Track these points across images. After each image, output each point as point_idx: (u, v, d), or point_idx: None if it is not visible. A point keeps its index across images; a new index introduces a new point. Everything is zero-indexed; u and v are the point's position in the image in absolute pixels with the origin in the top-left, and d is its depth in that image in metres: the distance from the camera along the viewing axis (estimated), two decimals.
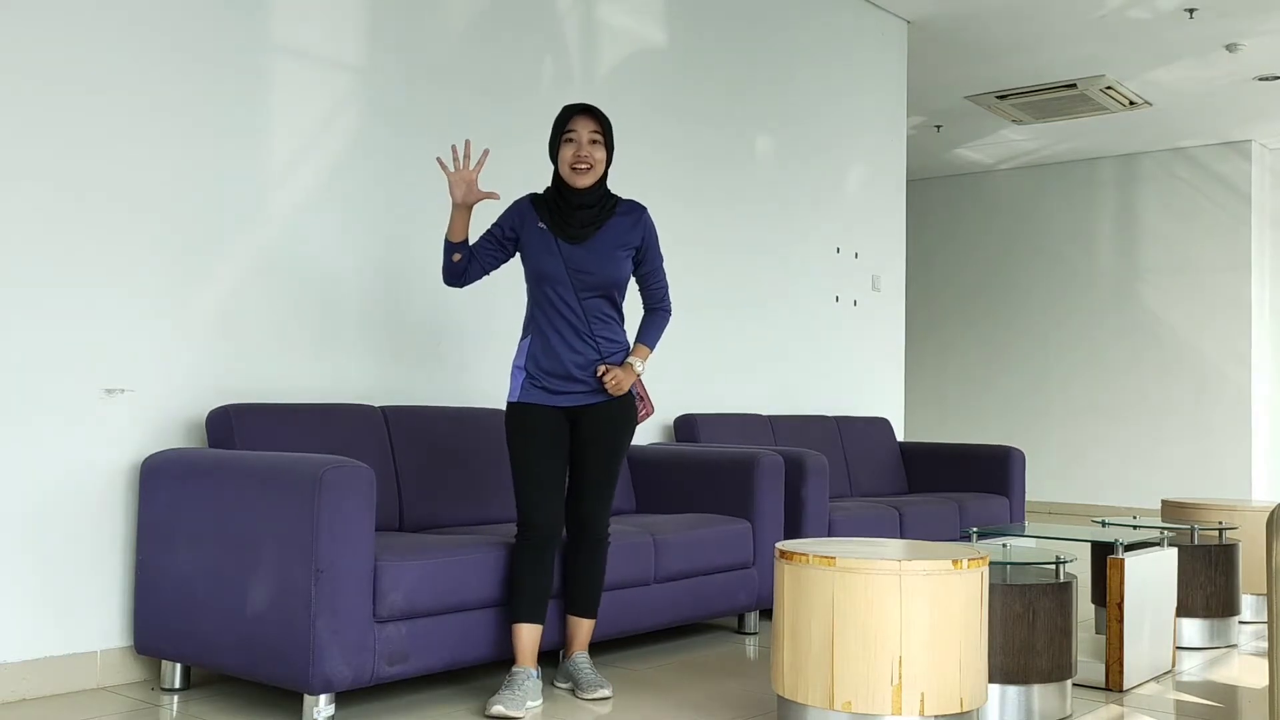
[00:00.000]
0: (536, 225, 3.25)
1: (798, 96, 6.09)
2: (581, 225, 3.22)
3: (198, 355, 3.60)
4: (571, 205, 3.23)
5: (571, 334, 3.24)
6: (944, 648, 2.68)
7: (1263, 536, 4.73)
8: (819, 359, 6.21)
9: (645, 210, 3.36)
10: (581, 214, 3.23)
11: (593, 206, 3.25)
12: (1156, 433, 9.84)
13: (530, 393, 3.27)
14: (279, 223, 3.81)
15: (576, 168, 3.20)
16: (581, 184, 3.21)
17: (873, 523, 4.85)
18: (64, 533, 3.29)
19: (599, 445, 3.29)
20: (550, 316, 3.24)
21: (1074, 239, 10.38)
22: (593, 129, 3.22)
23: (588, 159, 3.19)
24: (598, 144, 3.22)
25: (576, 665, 3.33)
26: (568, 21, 4.82)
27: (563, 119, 3.24)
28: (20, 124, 3.22)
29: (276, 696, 3.27)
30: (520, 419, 3.26)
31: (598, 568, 3.35)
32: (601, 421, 3.29)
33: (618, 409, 3.32)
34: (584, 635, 3.37)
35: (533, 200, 3.32)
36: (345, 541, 2.90)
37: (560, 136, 3.23)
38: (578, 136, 3.21)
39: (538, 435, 3.24)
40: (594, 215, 3.24)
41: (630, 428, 3.35)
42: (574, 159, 3.20)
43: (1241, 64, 7.58)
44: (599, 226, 3.24)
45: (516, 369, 3.30)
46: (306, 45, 3.90)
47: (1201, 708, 3.38)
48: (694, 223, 5.43)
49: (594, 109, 3.24)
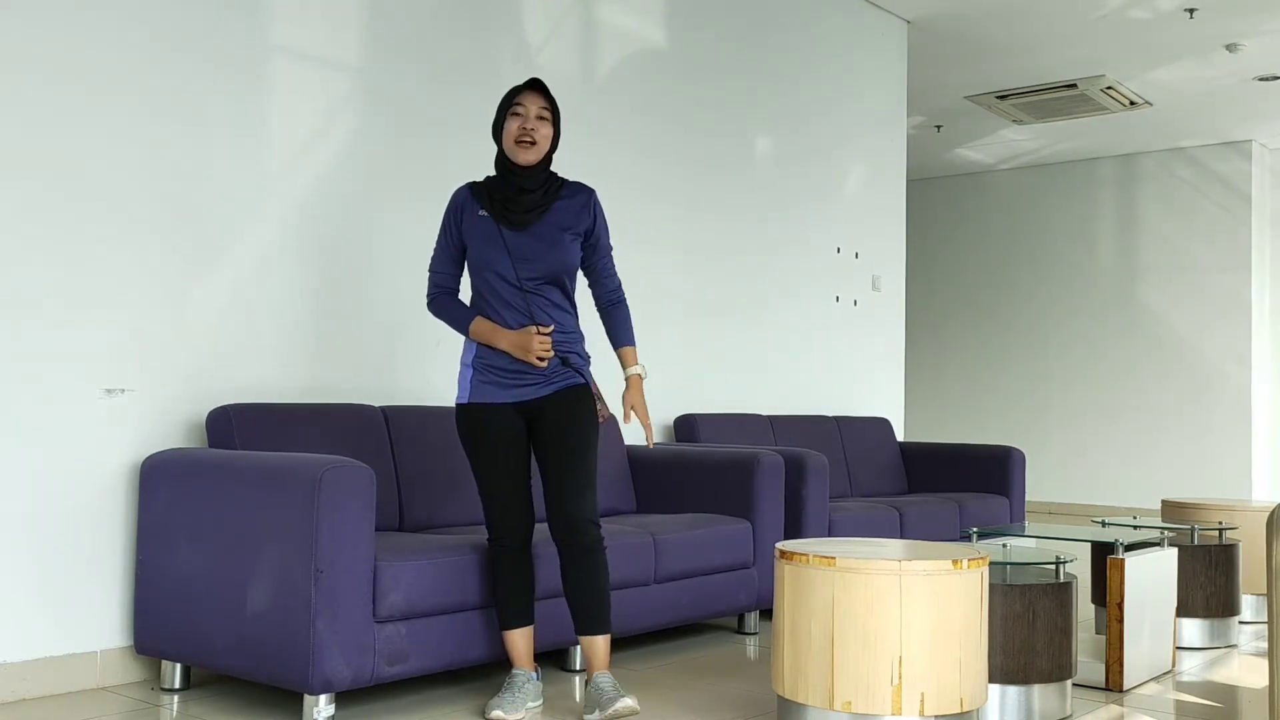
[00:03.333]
0: (478, 213, 3.07)
1: (798, 96, 6.08)
2: (525, 210, 3.03)
3: (198, 355, 3.60)
4: (514, 188, 3.04)
5: (525, 318, 3.04)
6: (944, 648, 2.68)
7: (1263, 536, 4.73)
8: (819, 359, 6.21)
9: (593, 192, 3.16)
10: (525, 198, 3.03)
11: (536, 190, 3.05)
12: (1156, 433, 9.84)
13: (481, 390, 3.08)
14: (279, 222, 3.81)
15: (521, 141, 3.01)
16: (525, 159, 3.02)
17: (873, 523, 4.85)
18: (64, 533, 3.29)
19: (564, 441, 3.06)
20: (497, 307, 3.05)
21: (1074, 239, 10.38)
22: (541, 105, 3.04)
23: (533, 133, 3.01)
24: (545, 120, 3.04)
25: (598, 686, 3.00)
26: (568, 22, 4.82)
27: (510, 95, 3.07)
28: (20, 124, 3.22)
29: (276, 696, 3.27)
30: (472, 423, 3.09)
31: (598, 578, 3.05)
32: (560, 416, 3.08)
33: (574, 399, 3.10)
34: (601, 653, 3.05)
35: (471, 189, 3.13)
36: (345, 541, 2.90)
37: (506, 112, 3.05)
38: (525, 111, 3.03)
39: (494, 440, 3.07)
40: (538, 199, 3.05)
41: (592, 417, 3.12)
42: (519, 132, 3.01)
43: (1241, 64, 7.58)
44: (544, 211, 3.06)
45: (464, 367, 3.12)
46: (307, 45, 3.90)
47: (1201, 708, 3.38)
48: (694, 223, 5.43)
49: (543, 85, 3.06)
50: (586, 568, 3.05)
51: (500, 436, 3.09)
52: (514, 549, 3.13)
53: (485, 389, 3.09)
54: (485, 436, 3.09)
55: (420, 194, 4.22)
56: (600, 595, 3.06)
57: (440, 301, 3.16)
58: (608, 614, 3.08)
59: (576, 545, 3.05)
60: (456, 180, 4.30)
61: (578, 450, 3.07)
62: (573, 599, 3.07)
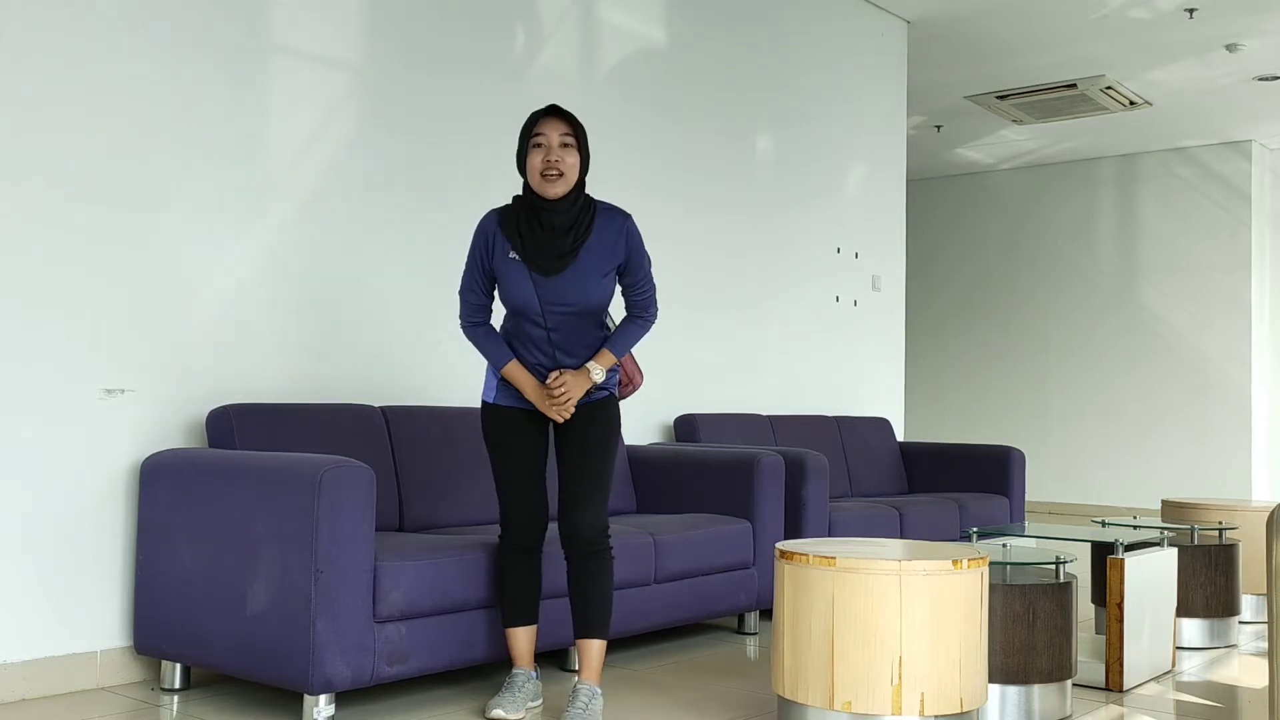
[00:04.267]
0: (508, 255, 2.98)
1: (798, 96, 6.09)
2: (558, 256, 2.92)
3: (198, 355, 3.60)
4: (544, 225, 2.94)
5: (547, 359, 3.04)
6: (944, 648, 2.68)
7: (1263, 536, 4.73)
8: (819, 359, 6.21)
9: (629, 218, 3.04)
10: (557, 243, 2.93)
11: (568, 227, 2.95)
12: (1156, 433, 9.84)
13: (505, 393, 3.10)
14: (279, 222, 3.81)
15: (547, 175, 2.90)
16: (553, 193, 2.91)
17: (873, 523, 4.85)
18: (64, 533, 3.29)
19: (585, 451, 3.06)
20: (526, 345, 3.04)
21: (1074, 239, 10.38)
22: (563, 131, 2.93)
23: (558, 164, 2.90)
24: (569, 148, 2.93)
25: (575, 693, 3.01)
26: (567, 21, 4.82)
27: (529, 124, 2.95)
28: (19, 123, 3.22)
29: (276, 697, 3.27)
30: (496, 421, 3.11)
31: (603, 584, 3.06)
32: (585, 426, 3.08)
33: (598, 409, 3.10)
34: (593, 660, 3.04)
35: (500, 219, 3.02)
36: (345, 541, 2.90)
37: (528, 143, 2.94)
38: (547, 140, 2.91)
39: (514, 439, 3.09)
40: (570, 242, 2.94)
41: (614, 428, 3.11)
42: (544, 165, 2.90)
43: (1241, 64, 7.58)
44: (576, 254, 2.95)
45: (491, 369, 3.13)
46: (306, 45, 3.90)
47: (1201, 708, 3.38)
48: (694, 223, 5.43)
49: (564, 110, 2.95)
50: (592, 573, 3.07)
51: (521, 436, 3.11)
52: (524, 548, 3.14)
53: (509, 394, 3.11)
54: (507, 435, 3.11)
55: (420, 194, 4.22)
56: (602, 600, 3.07)
57: (477, 333, 3.11)
58: (607, 620, 3.08)
59: (586, 552, 3.07)
60: (457, 180, 4.30)
61: (597, 461, 3.08)
62: (576, 602, 3.08)
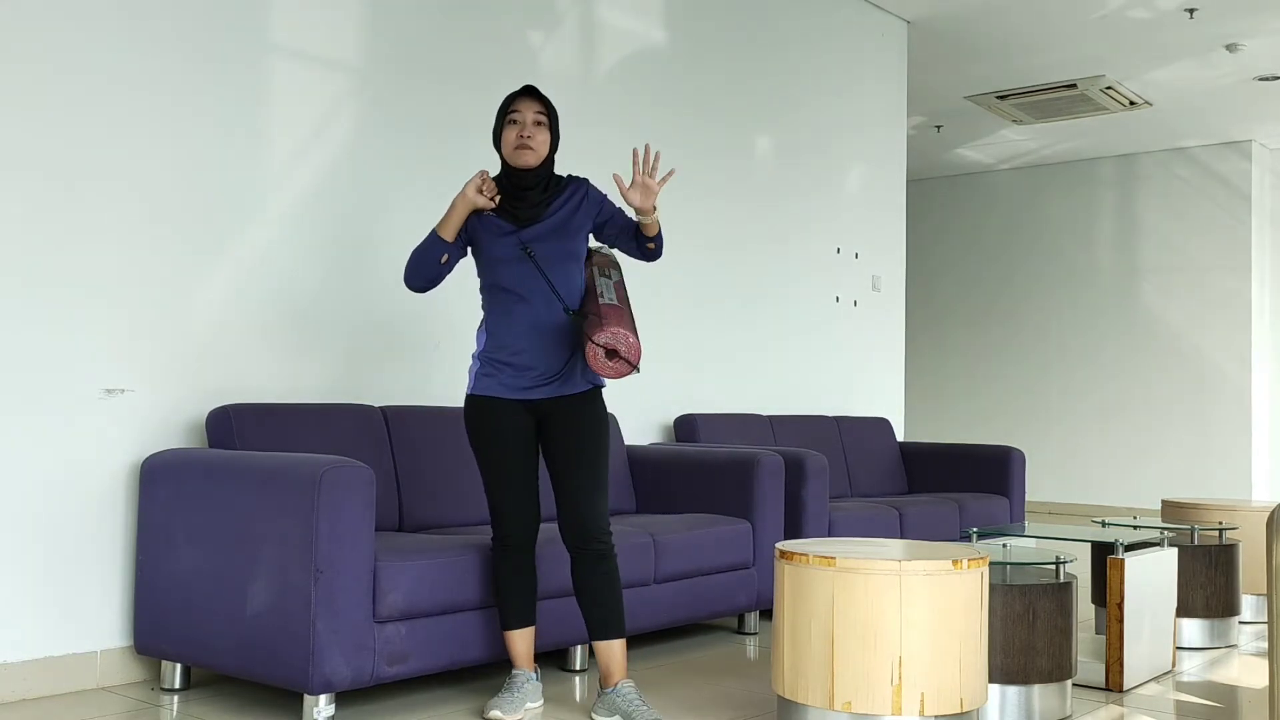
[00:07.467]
0: (484, 215, 3.13)
1: (798, 96, 6.08)
2: (531, 206, 3.10)
3: (198, 355, 3.60)
4: (518, 187, 3.11)
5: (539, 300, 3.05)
6: (944, 648, 2.68)
7: (1263, 536, 4.73)
8: (819, 359, 6.21)
9: (586, 180, 3.21)
10: (529, 195, 3.10)
11: (541, 188, 3.12)
12: (1156, 433, 9.84)
13: (487, 384, 3.09)
14: (279, 222, 3.81)
15: (519, 148, 3.08)
16: (524, 163, 3.08)
17: (873, 523, 4.85)
18: (64, 533, 3.29)
19: (577, 446, 3.07)
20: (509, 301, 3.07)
21: (1074, 239, 10.38)
22: (537, 110, 3.11)
23: (530, 139, 3.07)
24: (541, 125, 3.11)
25: (623, 695, 3.01)
26: (568, 20, 4.82)
27: (506, 103, 3.14)
28: (19, 122, 3.22)
29: (276, 697, 3.27)
30: (479, 416, 3.09)
31: (612, 585, 3.07)
32: (573, 420, 3.08)
33: (587, 402, 3.11)
34: (620, 659, 3.06)
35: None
36: (345, 541, 2.90)
37: (504, 120, 3.13)
38: (521, 118, 3.10)
39: (499, 435, 3.07)
40: (541, 195, 3.12)
41: (604, 421, 3.13)
42: (517, 140, 3.08)
43: (1241, 64, 7.58)
44: (549, 205, 3.12)
45: (473, 358, 3.14)
46: (307, 45, 3.90)
47: (1201, 708, 3.38)
48: (694, 223, 5.43)
49: (538, 91, 3.14)
50: (600, 574, 3.06)
51: (506, 432, 3.08)
52: (517, 549, 3.12)
53: (492, 384, 3.09)
54: (491, 431, 3.08)
55: (420, 194, 4.22)
56: (615, 601, 3.07)
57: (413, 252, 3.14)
58: (622, 618, 3.08)
59: (590, 552, 3.06)
60: (456, 180, 4.30)
61: (590, 456, 3.07)
62: (587, 606, 3.07)
